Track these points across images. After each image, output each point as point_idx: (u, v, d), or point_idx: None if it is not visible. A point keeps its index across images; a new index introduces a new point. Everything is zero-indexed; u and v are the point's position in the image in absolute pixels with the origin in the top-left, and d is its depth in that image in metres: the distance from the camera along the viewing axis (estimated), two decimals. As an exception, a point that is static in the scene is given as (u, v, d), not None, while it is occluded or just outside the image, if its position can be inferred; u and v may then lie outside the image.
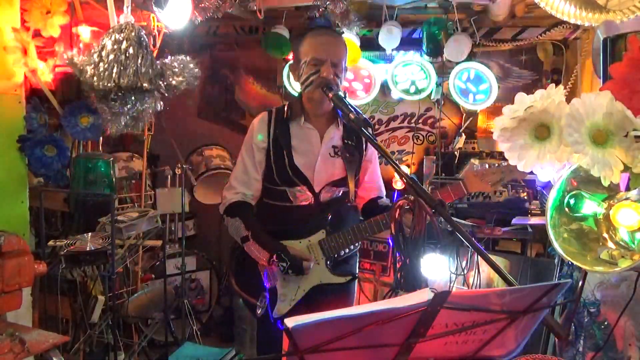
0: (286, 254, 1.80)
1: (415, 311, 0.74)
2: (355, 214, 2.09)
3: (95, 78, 2.08)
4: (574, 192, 1.42)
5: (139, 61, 2.12)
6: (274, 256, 1.80)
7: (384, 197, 2.12)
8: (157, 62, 2.21)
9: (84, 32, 2.60)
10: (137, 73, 2.11)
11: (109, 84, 2.07)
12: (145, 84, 2.12)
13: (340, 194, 1.96)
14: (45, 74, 2.46)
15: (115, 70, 2.08)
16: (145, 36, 2.21)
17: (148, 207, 3.49)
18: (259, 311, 1.88)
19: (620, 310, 1.79)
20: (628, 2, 1.79)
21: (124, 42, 2.11)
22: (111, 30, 2.17)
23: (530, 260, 2.80)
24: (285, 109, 1.97)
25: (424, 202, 1.30)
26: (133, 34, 2.14)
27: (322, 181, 1.92)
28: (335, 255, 1.93)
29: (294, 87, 3.63)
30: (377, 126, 3.95)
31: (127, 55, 2.10)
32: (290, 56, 3.31)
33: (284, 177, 1.89)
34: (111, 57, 2.09)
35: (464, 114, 3.78)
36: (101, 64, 2.09)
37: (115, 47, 2.09)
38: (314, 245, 1.90)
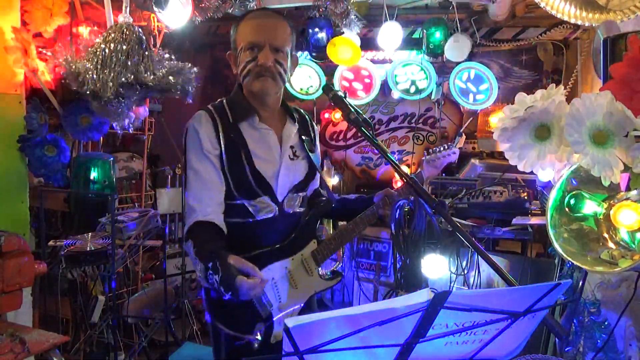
0: (222, 264, 1.38)
1: (416, 311, 0.74)
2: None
3: (97, 82, 2.09)
4: (574, 192, 1.42)
5: (140, 60, 2.14)
6: (209, 267, 1.40)
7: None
8: (158, 63, 2.23)
9: (84, 32, 2.60)
10: (139, 72, 2.12)
11: (112, 86, 2.08)
12: (148, 82, 2.13)
13: (301, 201, 1.74)
14: (45, 74, 2.46)
15: (116, 70, 2.09)
16: (144, 36, 2.22)
17: (148, 207, 3.49)
18: (256, 345, 1.55)
19: (620, 310, 1.79)
20: (628, 2, 1.79)
21: (125, 43, 2.12)
22: (109, 31, 2.17)
23: (531, 261, 2.80)
24: (226, 108, 1.65)
25: (424, 202, 1.29)
26: (134, 35, 2.16)
27: (285, 188, 1.67)
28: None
29: (293, 86, 3.62)
30: (377, 126, 3.95)
31: (129, 55, 2.11)
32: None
33: (243, 188, 1.60)
34: (113, 58, 2.10)
35: (464, 114, 3.78)
36: (103, 67, 2.10)
37: (119, 47, 2.11)
38: (307, 258, 1.72)
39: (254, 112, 1.63)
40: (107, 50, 2.14)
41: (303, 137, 1.74)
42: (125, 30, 2.17)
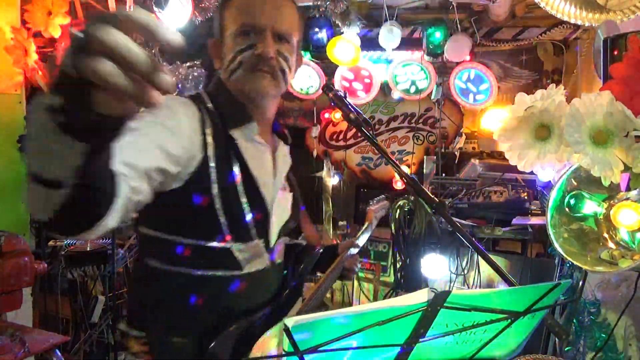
0: None
1: (415, 311, 0.74)
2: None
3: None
4: (574, 192, 1.42)
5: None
6: None
7: None
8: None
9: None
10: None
11: None
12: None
13: (282, 248, 1.32)
14: (45, 75, 2.46)
15: None
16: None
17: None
18: None
19: (620, 310, 1.79)
20: (628, 2, 1.79)
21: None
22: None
23: (531, 260, 2.80)
24: (209, 104, 1.15)
25: (424, 202, 1.29)
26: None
27: (276, 229, 1.23)
28: None
29: (294, 86, 3.62)
30: (377, 126, 3.96)
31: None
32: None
33: (238, 224, 1.10)
34: None
35: (464, 114, 3.79)
36: None
37: None
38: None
39: (251, 118, 1.18)
40: None
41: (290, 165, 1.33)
42: None
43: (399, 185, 3.65)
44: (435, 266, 2.83)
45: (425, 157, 3.77)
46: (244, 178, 1.13)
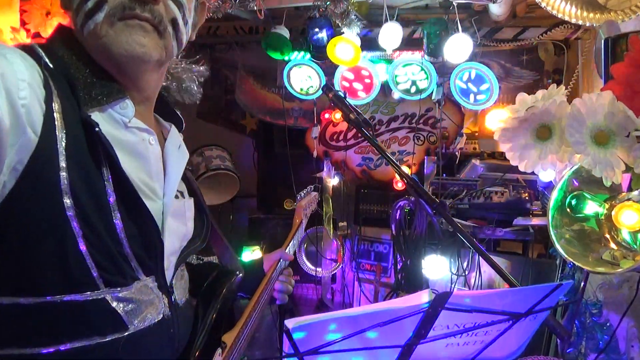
0: None
1: (416, 312, 0.74)
2: None
3: None
4: (575, 193, 1.42)
5: None
6: None
7: None
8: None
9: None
10: None
11: None
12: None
13: (187, 280, 1.01)
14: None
15: None
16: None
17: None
18: None
19: (622, 311, 1.79)
20: (626, 3, 1.79)
21: None
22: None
23: (532, 261, 2.79)
24: (52, 68, 0.76)
25: (424, 202, 1.29)
26: None
27: (173, 255, 0.91)
28: None
29: (294, 86, 3.62)
30: (377, 126, 3.95)
31: None
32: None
33: (112, 255, 0.76)
34: None
35: (465, 114, 3.79)
36: None
37: None
38: None
39: (123, 92, 0.81)
40: None
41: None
42: None
43: (399, 185, 3.65)
44: (436, 267, 2.82)
45: (425, 157, 3.77)
46: (116, 185, 0.76)
